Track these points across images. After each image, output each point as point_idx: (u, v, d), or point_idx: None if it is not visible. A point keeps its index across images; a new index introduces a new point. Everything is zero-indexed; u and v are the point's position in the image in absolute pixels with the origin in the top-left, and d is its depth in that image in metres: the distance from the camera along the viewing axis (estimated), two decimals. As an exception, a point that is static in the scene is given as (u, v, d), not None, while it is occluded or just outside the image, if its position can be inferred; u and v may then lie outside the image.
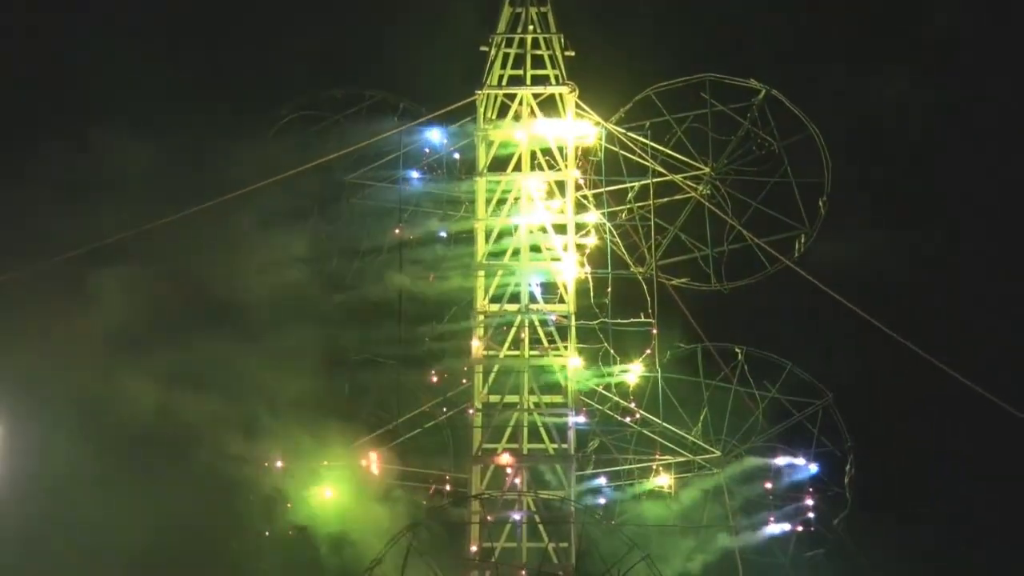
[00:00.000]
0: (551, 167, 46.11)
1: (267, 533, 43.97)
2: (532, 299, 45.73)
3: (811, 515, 46.33)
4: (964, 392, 44.22)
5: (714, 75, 46.52)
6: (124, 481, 42.26)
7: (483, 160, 45.98)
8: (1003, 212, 50.89)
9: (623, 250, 47.15)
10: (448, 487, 45.49)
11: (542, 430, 45.19)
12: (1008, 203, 50.84)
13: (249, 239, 45.19)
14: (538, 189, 46.00)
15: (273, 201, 45.19)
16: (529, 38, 45.90)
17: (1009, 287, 50.38)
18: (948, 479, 48.68)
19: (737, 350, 46.82)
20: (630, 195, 47.23)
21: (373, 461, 44.99)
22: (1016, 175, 50.99)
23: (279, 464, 44.61)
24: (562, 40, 45.90)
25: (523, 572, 43.85)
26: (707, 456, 46.05)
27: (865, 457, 46.63)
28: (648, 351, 46.43)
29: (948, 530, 48.24)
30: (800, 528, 46.22)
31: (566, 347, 45.46)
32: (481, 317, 45.47)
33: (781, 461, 46.52)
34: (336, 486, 44.66)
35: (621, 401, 46.13)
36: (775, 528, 46.11)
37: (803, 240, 46.80)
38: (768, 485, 46.47)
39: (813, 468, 46.41)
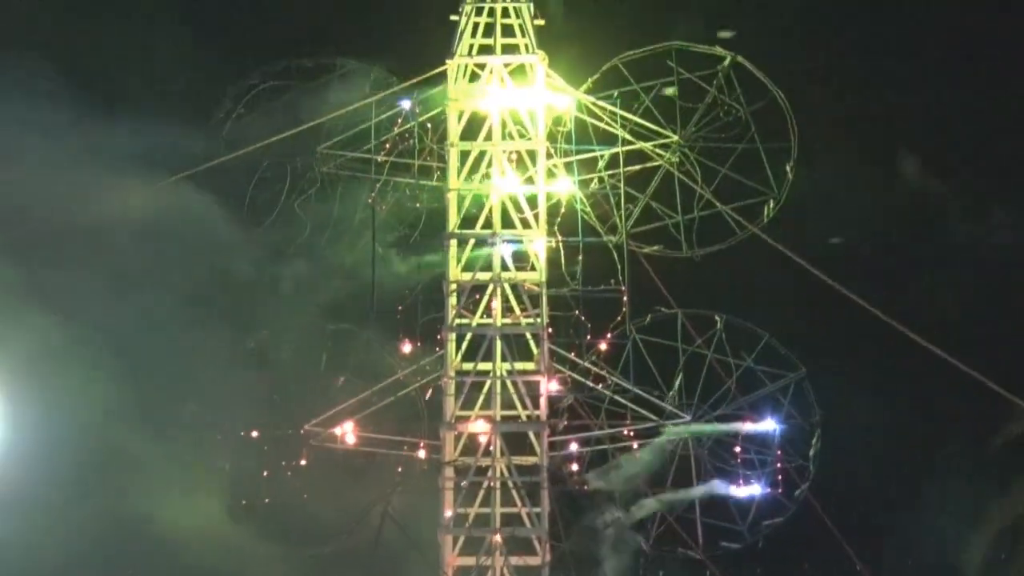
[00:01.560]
0: (522, 136, 46.42)
1: (243, 503, 44.24)
2: (504, 267, 46.11)
3: (779, 477, 46.70)
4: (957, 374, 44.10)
5: (680, 43, 46.92)
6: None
7: (454, 130, 46.27)
8: (984, 170, 49.90)
9: (594, 219, 47.52)
10: (423, 454, 45.84)
11: (515, 397, 45.58)
12: (989, 163, 50.03)
13: (220, 213, 45.41)
14: (509, 159, 46.33)
15: (241, 174, 45.46)
16: (499, 7, 46.12)
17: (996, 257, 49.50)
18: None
19: (717, 318, 47.12)
20: (600, 164, 47.61)
21: (348, 430, 45.34)
22: (994, 136, 50.11)
23: (254, 434, 44.94)
24: (531, 9, 46.22)
25: (497, 536, 44.35)
26: (677, 421, 46.39)
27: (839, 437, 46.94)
28: (619, 319, 46.88)
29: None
30: (767, 489, 46.56)
31: (538, 315, 45.84)
32: (454, 286, 45.80)
33: (749, 427, 46.83)
34: (311, 455, 45.08)
35: (593, 367, 46.50)
36: (740, 491, 46.45)
37: (771, 206, 47.21)
38: (736, 449, 46.85)
39: (772, 425, 46.63)
